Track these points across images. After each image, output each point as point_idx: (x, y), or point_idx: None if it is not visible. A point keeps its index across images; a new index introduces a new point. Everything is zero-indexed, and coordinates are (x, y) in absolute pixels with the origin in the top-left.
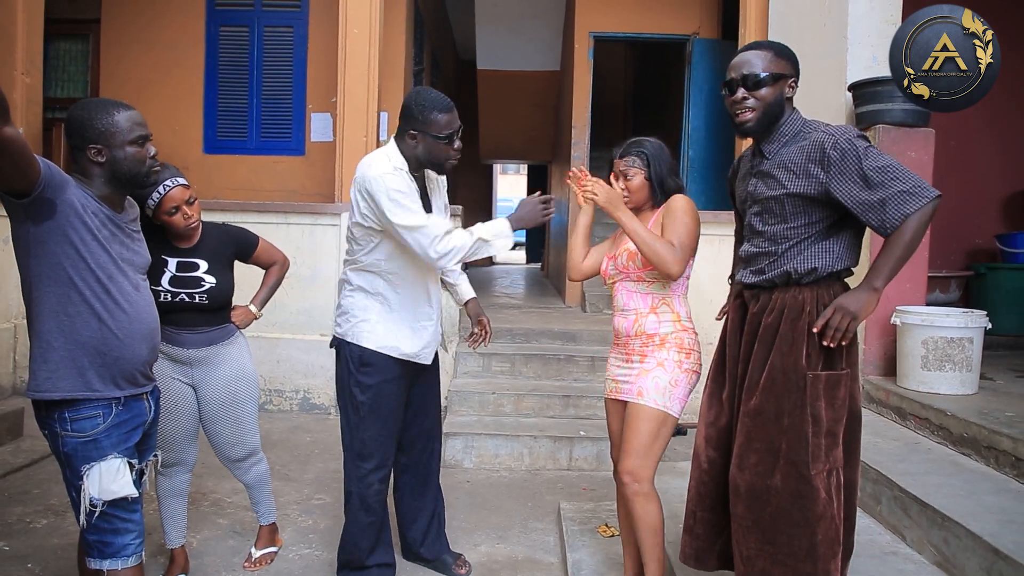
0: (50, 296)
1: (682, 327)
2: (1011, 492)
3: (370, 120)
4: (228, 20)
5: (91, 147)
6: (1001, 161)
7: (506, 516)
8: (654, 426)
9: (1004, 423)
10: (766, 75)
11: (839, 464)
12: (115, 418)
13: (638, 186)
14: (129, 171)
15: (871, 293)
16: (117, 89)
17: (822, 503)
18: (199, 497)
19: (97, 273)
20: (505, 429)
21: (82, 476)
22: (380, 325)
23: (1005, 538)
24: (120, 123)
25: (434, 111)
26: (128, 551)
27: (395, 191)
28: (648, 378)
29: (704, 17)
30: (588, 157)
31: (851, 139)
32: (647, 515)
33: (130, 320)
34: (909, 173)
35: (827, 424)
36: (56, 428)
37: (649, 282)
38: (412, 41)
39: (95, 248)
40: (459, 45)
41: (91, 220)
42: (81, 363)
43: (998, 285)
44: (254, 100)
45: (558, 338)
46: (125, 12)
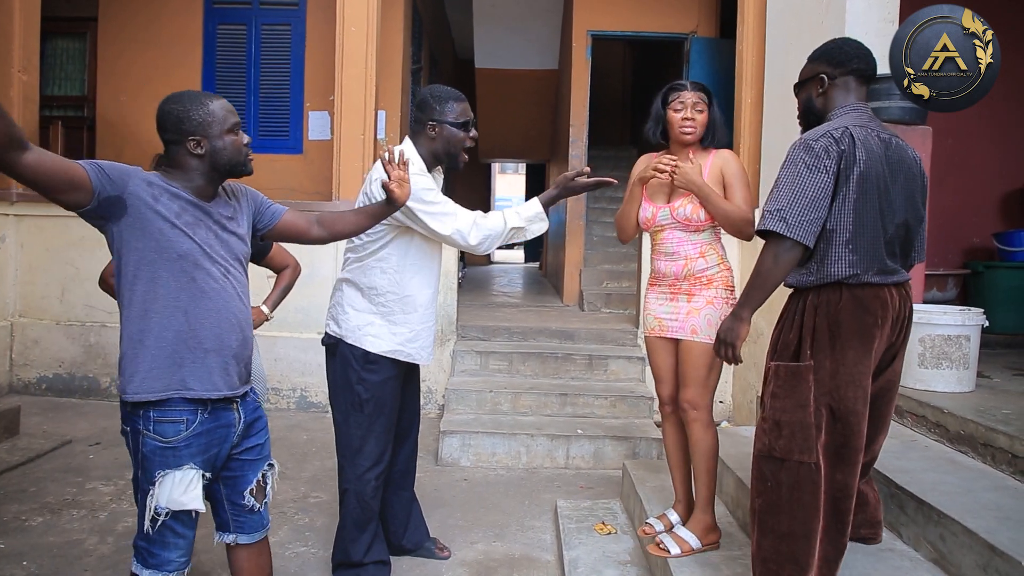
0: (137, 294)
1: (725, 266)
2: (1008, 489)
3: (368, 118)
4: (226, 18)
5: (190, 139)
6: (999, 159)
7: (503, 514)
8: (709, 359)
9: (1001, 420)
10: (798, 81)
11: (802, 458)
12: (198, 426)
13: (703, 122)
14: (229, 160)
15: (735, 319)
16: (115, 87)
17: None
18: None
19: (181, 262)
20: (502, 427)
21: (154, 481)
22: (384, 329)
23: (1001, 535)
24: (216, 112)
25: (450, 100)
26: (171, 567)
27: (424, 190)
28: (700, 316)
29: (702, 16)
30: (586, 156)
31: (802, 142)
32: (703, 441)
33: (216, 310)
34: (790, 198)
35: (770, 411)
36: (139, 425)
37: (703, 231)
38: (410, 40)
39: (176, 235)
40: (457, 44)
41: (166, 207)
42: (174, 360)
43: (995, 283)
44: (252, 98)
45: (556, 336)
46: (123, 10)
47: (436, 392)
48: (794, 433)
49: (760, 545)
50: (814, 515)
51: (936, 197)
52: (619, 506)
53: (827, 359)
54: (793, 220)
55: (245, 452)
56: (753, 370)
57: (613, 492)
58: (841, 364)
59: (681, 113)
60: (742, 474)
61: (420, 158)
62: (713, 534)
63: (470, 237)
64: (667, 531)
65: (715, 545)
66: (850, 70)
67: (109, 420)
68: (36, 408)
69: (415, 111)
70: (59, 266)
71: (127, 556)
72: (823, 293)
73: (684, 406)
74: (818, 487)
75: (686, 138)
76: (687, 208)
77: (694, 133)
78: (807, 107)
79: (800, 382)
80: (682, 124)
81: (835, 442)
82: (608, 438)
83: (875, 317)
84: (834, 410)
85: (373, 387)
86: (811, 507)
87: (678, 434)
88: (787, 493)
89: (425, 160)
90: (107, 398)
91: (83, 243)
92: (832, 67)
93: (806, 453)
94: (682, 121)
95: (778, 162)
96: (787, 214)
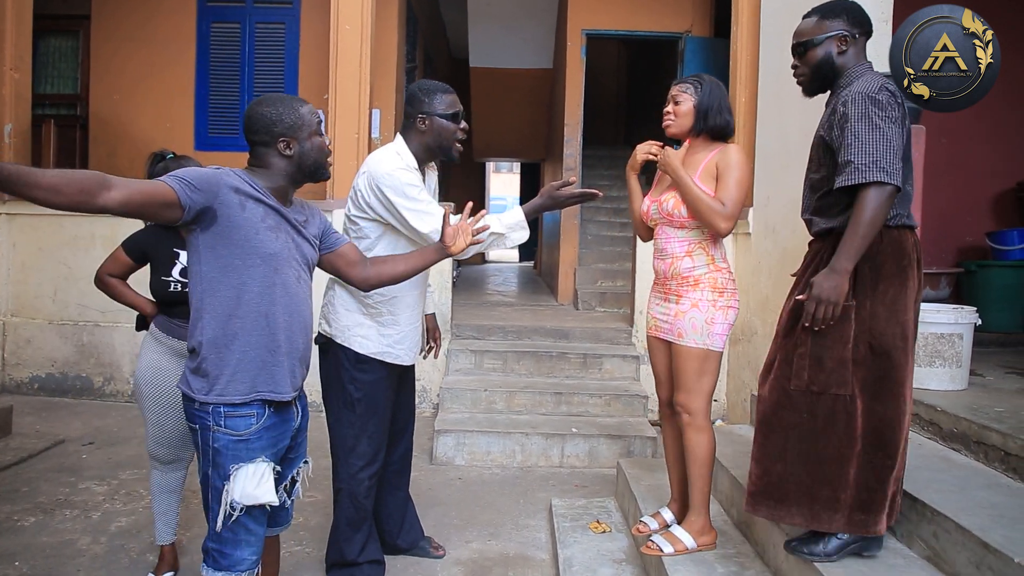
0: (220, 299)
1: (715, 268)
2: (1000, 487)
3: (362, 117)
4: (219, 16)
5: (280, 141)
6: (992, 159)
7: (498, 513)
8: (697, 363)
9: (994, 418)
10: (807, 40)
11: (840, 391)
12: (267, 420)
13: (685, 111)
14: (315, 161)
15: (840, 275)
16: (108, 86)
17: (798, 415)
18: (189, 494)
19: (264, 267)
20: (497, 426)
21: (229, 475)
22: (373, 331)
23: (995, 532)
24: (305, 116)
25: (438, 92)
26: (243, 565)
27: (408, 185)
28: (685, 320)
29: (696, 15)
30: (581, 155)
31: (863, 96)
32: (695, 445)
33: (290, 313)
34: (881, 148)
35: (811, 348)
36: (209, 422)
37: (689, 228)
38: (404, 38)
39: (260, 241)
40: (452, 43)
41: (252, 212)
42: (256, 364)
43: (988, 282)
44: (246, 97)
45: (550, 335)
46: (116, 8)
47: (431, 391)
48: (835, 368)
49: (789, 472)
50: (848, 443)
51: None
52: (614, 504)
53: (867, 299)
54: (890, 168)
55: (292, 449)
56: (747, 369)
57: (608, 491)
58: (881, 303)
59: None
60: (736, 472)
61: (411, 154)
62: (708, 535)
63: None
64: (661, 529)
65: (711, 546)
66: (865, 31)
67: (102, 420)
68: (29, 408)
69: (405, 107)
70: (52, 265)
71: (120, 556)
72: None
73: (677, 409)
74: (852, 417)
75: (667, 131)
76: (670, 202)
77: (670, 125)
78: (823, 64)
79: (844, 321)
80: (663, 117)
81: (874, 375)
82: (603, 437)
83: (909, 258)
84: (873, 346)
85: (365, 387)
86: (844, 435)
87: (676, 435)
88: (822, 423)
89: (418, 155)
90: (100, 397)
91: (76, 242)
92: (853, 26)
93: (843, 387)
94: (663, 115)
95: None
96: (884, 163)
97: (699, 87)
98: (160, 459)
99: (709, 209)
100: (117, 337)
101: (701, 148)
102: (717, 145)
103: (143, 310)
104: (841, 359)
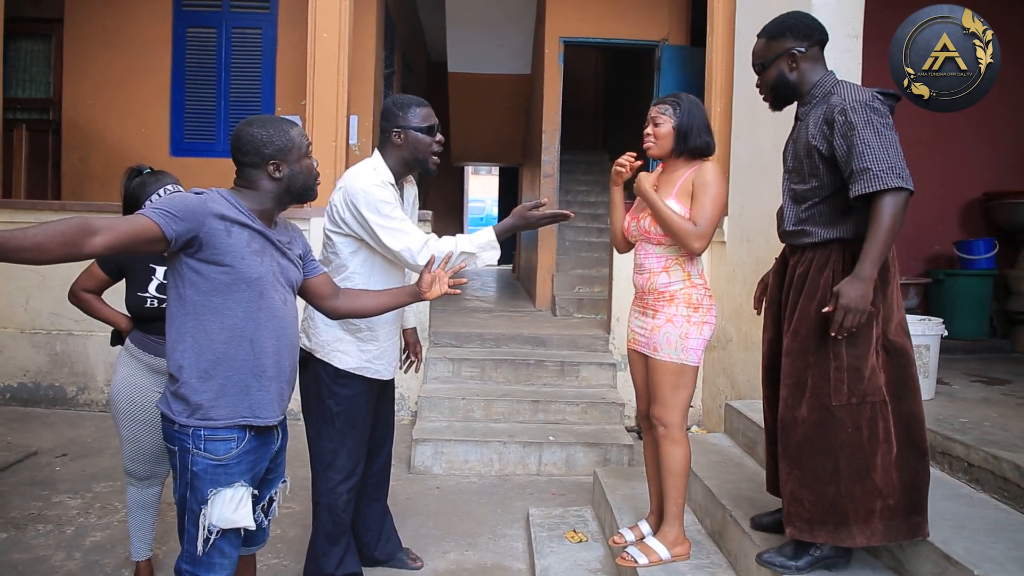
0: (205, 322)
1: (691, 284)
2: (963, 498)
3: (340, 124)
4: (196, 21)
5: (270, 163)
6: (959, 169)
7: (475, 523)
8: (672, 378)
9: (958, 429)
10: (760, 62)
11: (874, 398)
12: (248, 443)
13: (665, 133)
14: (303, 183)
15: (866, 282)
16: (82, 91)
17: (846, 432)
18: (166, 508)
19: (249, 291)
20: (475, 435)
21: (207, 499)
22: (353, 346)
23: (956, 545)
24: (295, 138)
25: (412, 107)
26: None
27: (382, 202)
28: (660, 334)
29: (673, 24)
30: (559, 160)
31: (862, 105)
32: (670, 458)
33: (277, 336)
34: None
35: (848, 360)
36: (188, 444)
37: (666, 245)
38: (383, 44)
39: (246, 265)
40: (431, 48)
41: (238, 238)
42: (241, 389)
43: (956, 291)
44: (222, 103)
45: (528, 343)
46: (89, 12)
47: (408, 399)
48: (870, 376)
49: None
50: (888, 449)
51: None
52: (590, 513)
53: (880, 303)
54: (904, 174)
55: (271, 471)
56: (723, 376)
57: (584, 499)
58: (890, 304)
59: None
60: (711, 483)
61: (388, 169)
62: (682, 546)
63: (419, 256)
64: (638, 541)
65: (685, 556)
66: (816, 41)
67: (76, 430)
68: (0, 419)
69: (381, 122)
70: (24, 273)
71: (95, 572)
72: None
73: (653, 421)
74: (888, 422)
75: (648, 152)
76: (647, 221)
77: (651, 147)
78: (780, 82)
79: (868, 327)
80: (644, 139)
81: (895, 377)
82: (580, 444)
83: (894, 257)
84: (887, 348)
85: (344, 401)
86: (886, 442)
87: (656, 447)
88: (867, 435)
89: (395, 170)
90: (74, 407)
91: None
92: (800, 40)
93: (877, 393)
94: (644, 136)
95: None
96: (899, 170)
97: (678, 108)
98: (136, 475)
99: (681, 230)
100: (91, 346)
101: (680, 166)
102: (695, 163)
103: (119, 326)
104: (873, 366)
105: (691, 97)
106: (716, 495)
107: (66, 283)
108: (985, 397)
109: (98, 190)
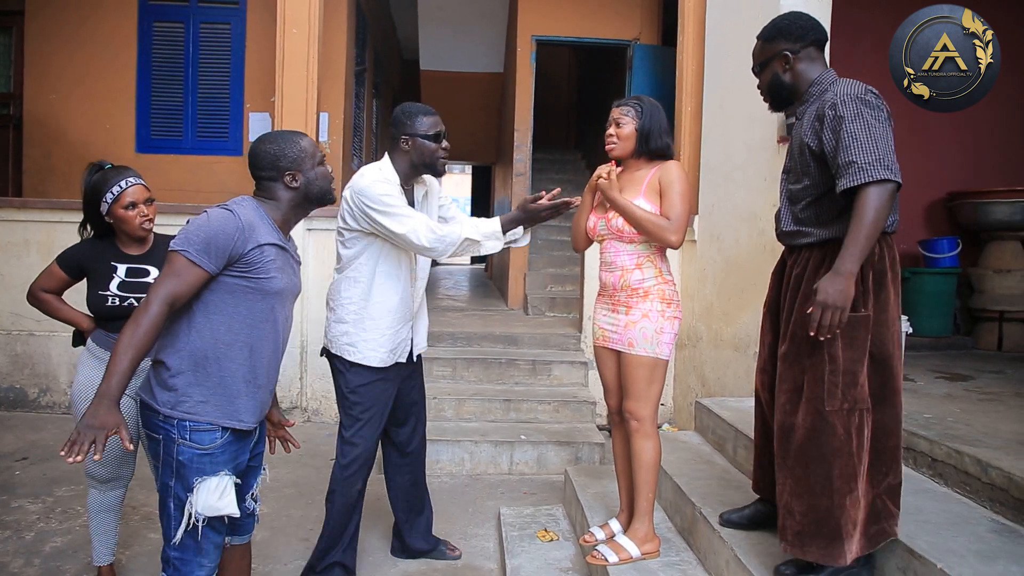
0: (215, 322)
1: (663, 280)
2: (927, 492)
3: (309, 121)
4: (162, 16)
5: (287, 174)
6: (924, 168)
7: (447, 522)
8: (647, 372)
9: (922, 425)
10: (756, 64)
11: (863, 405)
12: (230, 435)
13: (627, 135)
14: (320, 189)
15: (845, 277)
16: (44, 85)
17: (838, 439)
18: (129, 511)
19: (265, 302)
20: (446, 434)
21: (193, 488)
22: (357, 337)
23: (920, 539)
24: (307, 148)
25: (420, 115)
26: (202, 572)
27: (383, 194)
28: (636, 329)
29: (645, 23)
30: (531, 159)
31: (852, 98)
32: (643, 451)
33: (274, 347)
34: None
35: (844, 364)
36: (174, 434)
37: (638, 243)
38: (354, 40)
39: (273, 277)
40: (403, 45)
41: (267, 255)
42: (231, 393)
43: (921, 289)
44: (190, 98)
45: (500, 342)
46: (52, 4)
47: None
48: (864, 382)
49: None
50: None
51: None
52: (561, 512)
53: (872, 307)
54: (892, 166)
55: (253, 459)
56: (693, 374)
57: (556, 498)
58: (883, 310)
59: (610, 128)
60: (680, 480)
61: (395, 171)
62: (652, 543)
63: (423, 238)
64: (608, 540)
65: (655, 554)
66: (811, 41)
67: (37, 433)
68: None
69: (391, 128)
70: None
71: None
72: None
73: (626, 416)
74: (870, 430)
75: (610, 153)
76: (619, 220)
77: (614, 148)
78: (775, 84)
79: (864, 331)
80: (606, 140)
81: (876, 384)
82: (551, 443)
83: (896, 263)
84: (874, 355)
85: (358, 391)
86: (865, 449)
87: (625, 444)
88: (855, 440)
89: (403, 173)
90: (35, 409)
91: (9, 248)
92: (792, 42)
93: (865, 400)
94: (606, 137)
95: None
96: (887, 162)
97: (640, 110)
98: (98, 478)
99: (657, 227)
100: (53, 347)
101: (642, 166)
102: (656, 163)
103: (80, 326)
104: (864, 372)
105: (652, 100)
106: (686, 492)
107: (27, 283)
108: (948, 393)
109: (62, 187)
